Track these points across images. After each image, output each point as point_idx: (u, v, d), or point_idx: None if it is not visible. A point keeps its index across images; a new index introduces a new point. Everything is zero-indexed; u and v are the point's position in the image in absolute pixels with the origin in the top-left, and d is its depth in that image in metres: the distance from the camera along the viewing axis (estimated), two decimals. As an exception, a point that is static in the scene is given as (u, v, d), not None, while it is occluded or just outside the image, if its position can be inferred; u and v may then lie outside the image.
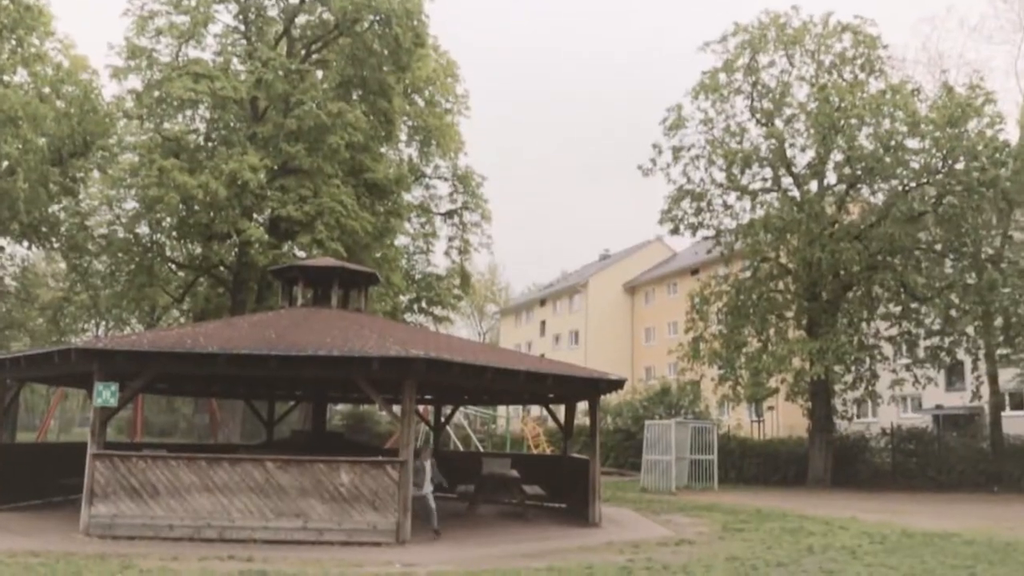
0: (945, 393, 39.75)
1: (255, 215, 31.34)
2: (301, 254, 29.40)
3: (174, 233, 31.79)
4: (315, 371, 13.76)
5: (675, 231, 30.31)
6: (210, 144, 31.81)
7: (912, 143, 26.46)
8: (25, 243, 32.97)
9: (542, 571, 10.43)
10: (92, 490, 12.66)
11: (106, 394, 13.08)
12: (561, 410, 18.88)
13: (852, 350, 26.71)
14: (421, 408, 28.24)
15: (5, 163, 28.44)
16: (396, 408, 13.52)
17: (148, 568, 9.88)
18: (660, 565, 11.17)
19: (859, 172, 27.01)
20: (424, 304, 39.45)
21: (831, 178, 28.80)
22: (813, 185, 28.83)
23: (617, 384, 16.41)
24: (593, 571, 10.56)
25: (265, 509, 12.63)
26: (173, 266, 35.39)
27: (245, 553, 11.24)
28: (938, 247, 27.31)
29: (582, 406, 19.76)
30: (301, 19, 33.23)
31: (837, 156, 27.63)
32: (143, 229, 31.71)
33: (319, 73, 32.58)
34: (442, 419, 23.49)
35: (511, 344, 70.19)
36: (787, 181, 29.07)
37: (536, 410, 49.18)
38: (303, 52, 32.53)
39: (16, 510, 15.17)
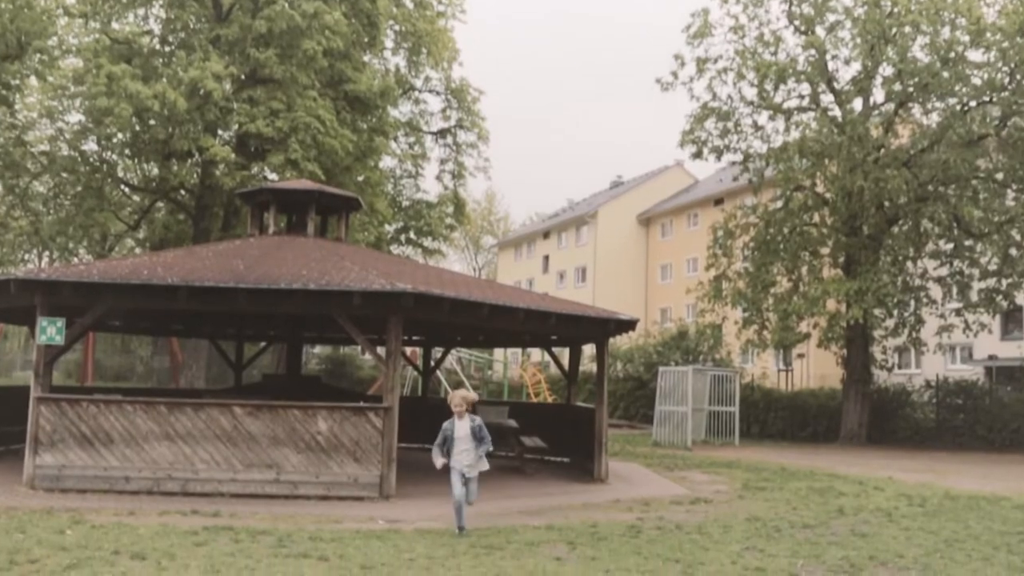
0: (1000, 342, 39.96)
1: (220, 131, 31.08)
2: (273, 176, 29.22)
3: (127, 151, 31.54)
4: (289, 307, 13.74)
5: (697, 155, 30.11)
6: (167, 48, 31.38)
7: (974, 55, 26.11)
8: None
9: (541, 530, 10.57)
10: (37, 438, 12.75)
11: (51, 331, 13.08)
12: (565, 354, 18.96)
13: (895, 292, 26.75)
14: (409, 350, 28.39)
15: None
16: (380, 350, 13.53)
17: (101, 524, 9.99)
18: (673, 525, 11.32)
19: (911, 89, 26.69)
20: (413, 235, 39.41)
21: (878, 95, 28.53)
22: (857, 103, 28.53)
23: (628, 325, 16.44)
24: (598, 530, 10.70)
25: (233, 460, 12.74)
26: (126, 189, 35.23)
27: (211, 507, 11.37)
28: (999, 176, 27.14)
29: (588, 350, 19.85)
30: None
31: (886, 70, 27.28)
32: (90, 146, 31.43)
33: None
34: (432, 363, 23.61)
35: (510, 281, 70.29)
36: (827, 99, 28.77)
37: (537, 354, 49.51)
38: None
39: (-47, 459, 15.31)
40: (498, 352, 47.69)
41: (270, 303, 13.43)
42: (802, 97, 29.17)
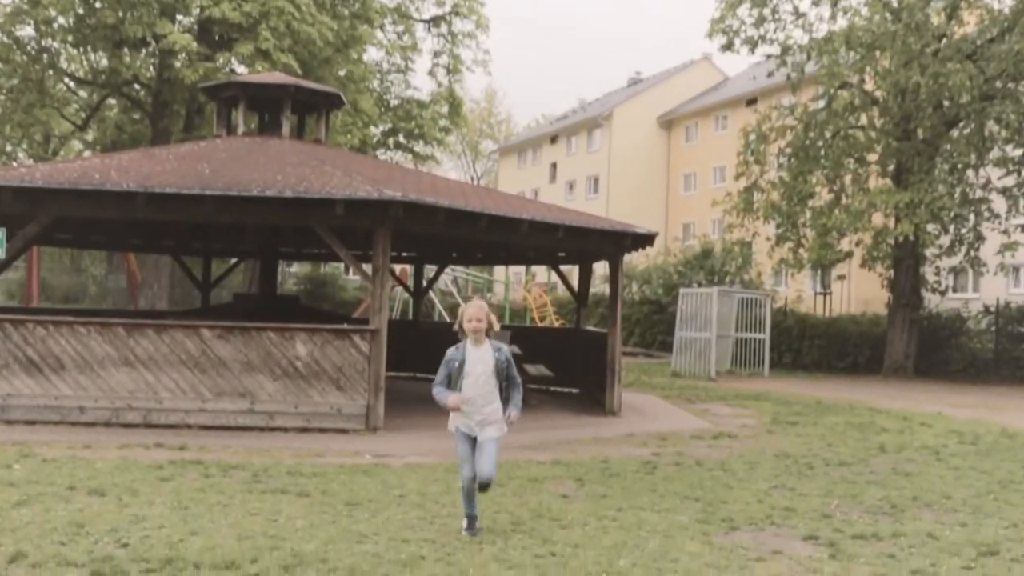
0: (1069, 263, 39.97)
1: (179, 15, 30.70)
2: (241, 69, 28.96)
3: (70, 38, 31.12)
4: (262, 217, 13.78)
5: (728, 47, 29.75)
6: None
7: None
8: None
9: (546, 465, 10.76)
10: (-21, 363, 12.92)
11: (-9, 242, 13.15)
12: (574, 273, 19.06)
13: (952, 204, 26.68)
14: (398, 268, 28.49)
15: None
16: (366, 267, 13.61)
17: (53, 458, 10.17)
18: (692, 461, 11.52)
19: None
20: (402, 138, 39.23)
21: (940, -25, 28.02)
22: (915, -15, 28.06)
23: (646, 240, 16.48)
24: (609, 466, 10.90)
25: (201, 388, 12.92)
26: (71, 82, 34.91)
27: (177, 440, 11.57)
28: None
29: (600, 269, 19.92)
30: None
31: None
32: (26, 31, 31.01)
33: None
34: (424, 283, 23.75)
35: (513, 191, 70.17)
36: (881, -20, 28.29)
37: (543, 274, 49.68)
38: None
39: None
40: (499, 271, 47.85)
41: (241, 212, 13.47)
42: (852, -22, 28.71)
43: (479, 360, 7.23)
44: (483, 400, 7.25)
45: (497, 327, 7.31)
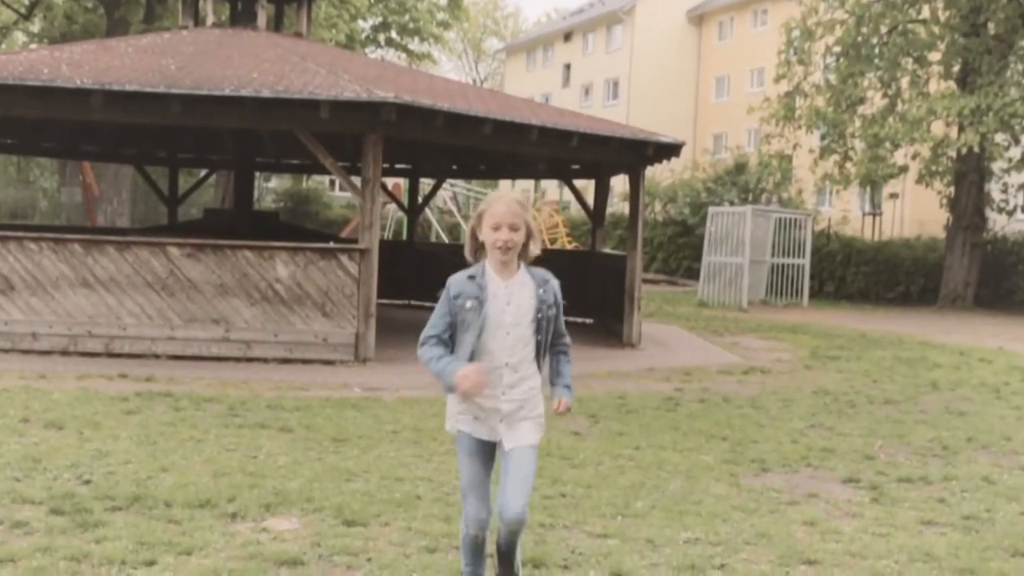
0: None
1: None
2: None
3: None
4: (236, 120, 13.79)
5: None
6: None
7: None
8: None
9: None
10: (-82, 283, 13.03)
11: (-70, 146, 13.20)
12: (589, 190, 19.06)
13: (1025, 111, 26.53)
14: (391, 182, 28.52)
15: None
16: (355, 179, 13.66)
17: (4, 388, 10.31)
18: (719, 397, 11.69)
19: None
20: (395, 34, 38.98)
21: None
22: None
23: (671, 150, 16.47)
24: (626, 402, 11.06)
25: (169, 313, 13.04)
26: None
27: (142, 371, 11.72)
28: None
29: (619, 185, 19.95)
30: None
31: None
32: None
33: None
34: (420, 199, 23.78)
35: (521, 96, 69.82)
36: None
37: (554, 190, 49.63)
38: None
39: None
40: (504, 186, 47.81)
41: (211, 115, 13.46)
42: None
43: (510, 301, 4.65)
44: (514, 374, 4.68)
45: (539, 246, 4.71)
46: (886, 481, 7.82)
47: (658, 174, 31.41)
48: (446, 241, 35.82)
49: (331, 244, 14.25)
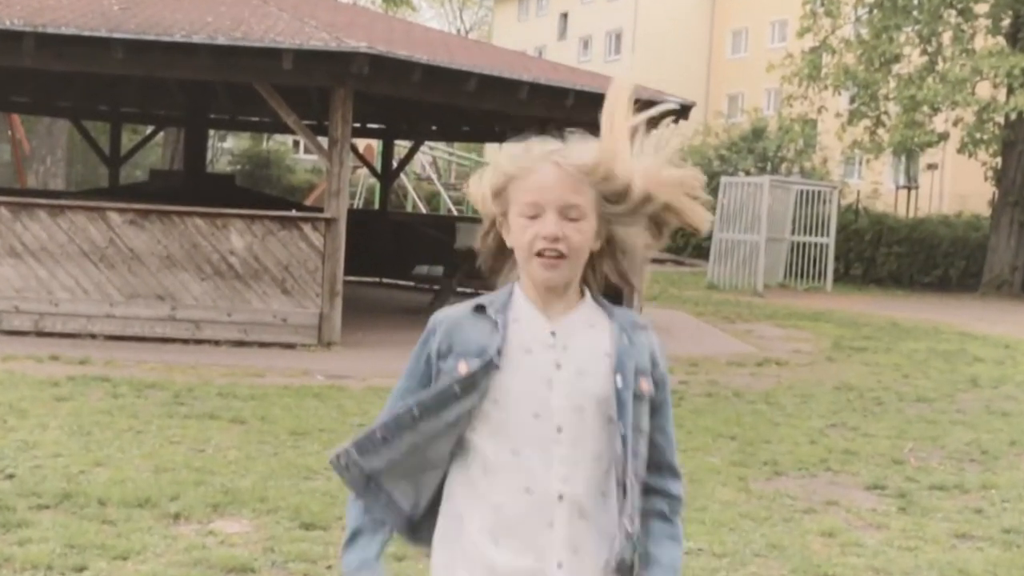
0: None
1: None
2: None
3: None
4: (188, 71, 13.69)
5: None
6: None
7: None
8: None
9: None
10: None
11: None
12: (587, 154, 18.99)
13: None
14: (362, 144, 28.39)
15: None
16: (321, 140, 13.59)
17: (-81, 369, 10.28)
18: (729, 391, 11.66)
19: None
20: (367, -24, 38.74)
21: None
22: None
23: (680, 112, 16.39)
24: (625, 397, 11.02)
25: (109, 287, 12.95)
26: None
27: (77, 352, 11.64)
28: None
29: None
30: None
31: None
32: None
33: None
34: (394, 163, 23.68)
35: (511, 48, 69.66)
36: None
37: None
38: None
39: None
40: (490, 150, 47.64)
41: (159, 64, 13.36)
42: None
43: (562, 362, 2.49)
44: (579, 520, 2.44)
45: (641, 252, 2.65)
46: (916, 488, 7.79)
47: (666, 136, 31.28)
48: (424, 211, 35.72)
49: (293, 212, 14.18)
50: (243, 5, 14.58)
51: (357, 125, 19.31)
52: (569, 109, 15.46)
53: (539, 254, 2.40)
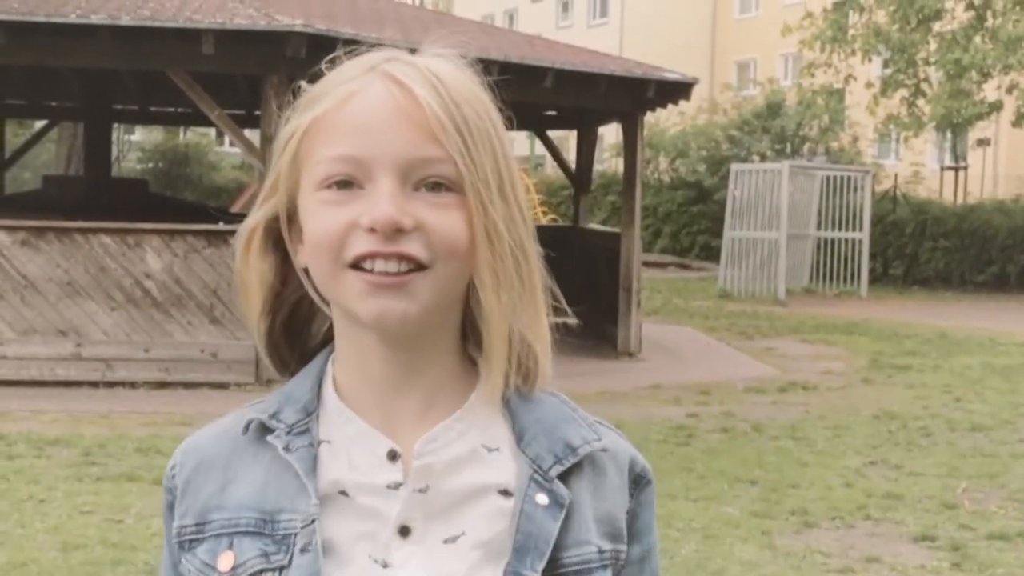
0: None
1: None
2: None
3: None
4: (86, 57, 13.67)
5: None
6: None
7: None
8: None
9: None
10: None
11: None
12: (571, 143, 19.06)
13: None
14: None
15: None
16: (250, 134, 13.59)
17: None
18: (748, 425, 11.69)
19: None
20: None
21: None
22: None
23: (680, 90, 16.48)
24: (624, 432, 10.99)
25: (-3, 323, 12.95)
26: None
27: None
28: None
29: (611, 136, 19.91)
30: None
31: None
32: None
33: None
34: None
35: (476, 16, 69.55)
36: None
37: (522, 144, 49.50)
38: None
39: None
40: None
41: (51, 50, 13.35)
42: None
43: (425, 536, 1.36)
44: None
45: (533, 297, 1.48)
46: (972, 539, 7.84)
47: (663, 120, 31.46)
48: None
49: (220, 225, 14.16)
50: (152, -22, 14.59)
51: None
52: (546, 91, 15.48)
53: (357, 264, 1.32)
